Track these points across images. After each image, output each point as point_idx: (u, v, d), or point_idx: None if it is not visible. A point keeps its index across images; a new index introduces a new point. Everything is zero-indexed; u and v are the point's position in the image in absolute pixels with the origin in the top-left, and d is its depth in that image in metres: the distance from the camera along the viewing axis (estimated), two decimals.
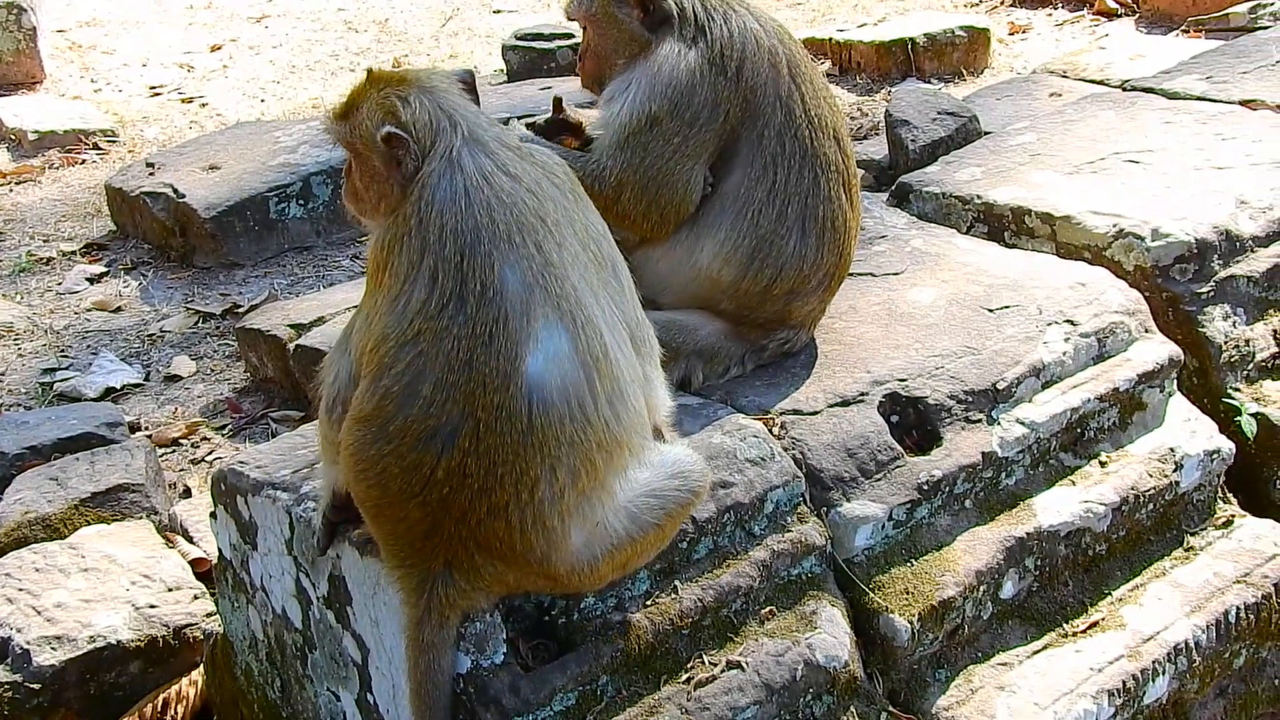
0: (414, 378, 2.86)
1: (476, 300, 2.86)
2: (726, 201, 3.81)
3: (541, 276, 2.91)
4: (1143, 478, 3.98)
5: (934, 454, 3.77)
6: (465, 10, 11.17)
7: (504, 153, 3.03)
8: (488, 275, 2.87)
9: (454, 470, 2.87)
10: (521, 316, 2.86)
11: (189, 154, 7.60)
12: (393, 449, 2.89)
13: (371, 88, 3.10)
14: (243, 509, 3.66)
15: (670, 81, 3.75)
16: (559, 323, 2.90)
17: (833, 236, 3.85)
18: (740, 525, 3.48)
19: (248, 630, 3.84)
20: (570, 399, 2.89)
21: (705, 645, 3.35)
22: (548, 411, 2.86)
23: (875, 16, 9.93)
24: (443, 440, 2.86)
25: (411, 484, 2.89)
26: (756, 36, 3.82)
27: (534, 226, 2.94)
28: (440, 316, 2.86)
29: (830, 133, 3.86)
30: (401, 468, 2.89)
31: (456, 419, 2.85)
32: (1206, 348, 4.37)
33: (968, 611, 3.67)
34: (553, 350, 2.88)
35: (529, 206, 2.96)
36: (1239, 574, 3.99)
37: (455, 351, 2.85)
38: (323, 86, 9.62)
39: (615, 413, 2.96)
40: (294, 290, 6.61)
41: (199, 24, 11.22)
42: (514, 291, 2.88)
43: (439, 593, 2.97)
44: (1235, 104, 5.35)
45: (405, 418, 2.87)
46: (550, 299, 2.90)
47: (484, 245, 2.89)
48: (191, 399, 5.88)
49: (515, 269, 2.89)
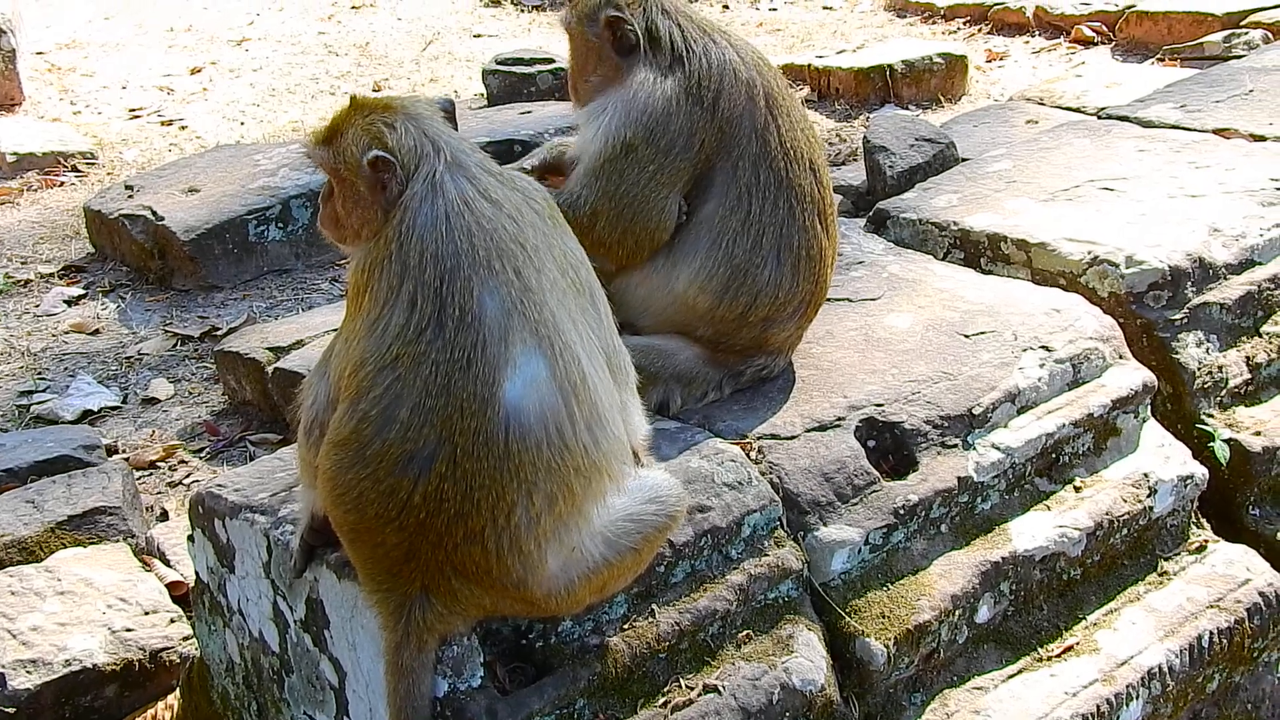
0: (391, 402, 2.87)
1: (455, 325, 2.87)
2: (702, 230, 3.83)
3: (520, 302, 2.92)
4: (1117, 503, 4.01)
5: (910, 479, 3.79)
6: (446, 35, 11.20)
7: (485, 178, 3.05)
8: (466, 300, 2.88)
9: (430, 495, 2.87)
10: (500, 342, 2.88)
11: (168, 176, 7.59)
12: (369, 473, 2.89)
13: (355, 113, 3.11)
14: (220, 532, 3.66)
15: (646, 109, 3.77)
16: (537, 348, 2.91)
17: (808, 265, 3.88)
18: (717, 549, 3.49)
19: (224, 654, 3.83)
20: (548, 424, 2.90)
21: (682, 669, 3.36)
22: (525, 437, 2.87)
23: (854, 43, 10.00)
24: (419, 465, 2.87)
25: (388, 509, 2.90)
26: (735, 68, 3.85)
27: (513, 252, 2.95)
28: (419, 341, 2.87)
29: (806, 163, 3.88)
30: (378, 492, 2.89)
31: (433, 444, 2.86)
32: (1180, 374, 4.40)
33: (943, 635, 3.69)
34: (530, 376, 2.89)
35: (509, 232, 2.97)
36: (1212, 599, 4.01)
37: (433, 376, 2.85)
38: (303, 110, 9.63)
39: (594, 438, 2.97)
40: (273, 313, 6.61)
41: (179, 46, 11.22)
42: (492, 317, 2.89)
43: (417, 617, 2.97)
44: (1209, 132, 5.40)
45: (383, 442, 2.88)
46: (528, 325, 2.91)
47: (463, 271, 2.90)
48: (169, 422, 5.87)
49: (494, 295, 2.90)
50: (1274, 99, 5.60)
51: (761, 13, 11.23)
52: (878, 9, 11.02)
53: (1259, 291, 4.58)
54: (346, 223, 3.14)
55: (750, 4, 11.47)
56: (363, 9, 11.98)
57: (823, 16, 11.02)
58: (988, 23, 10.29)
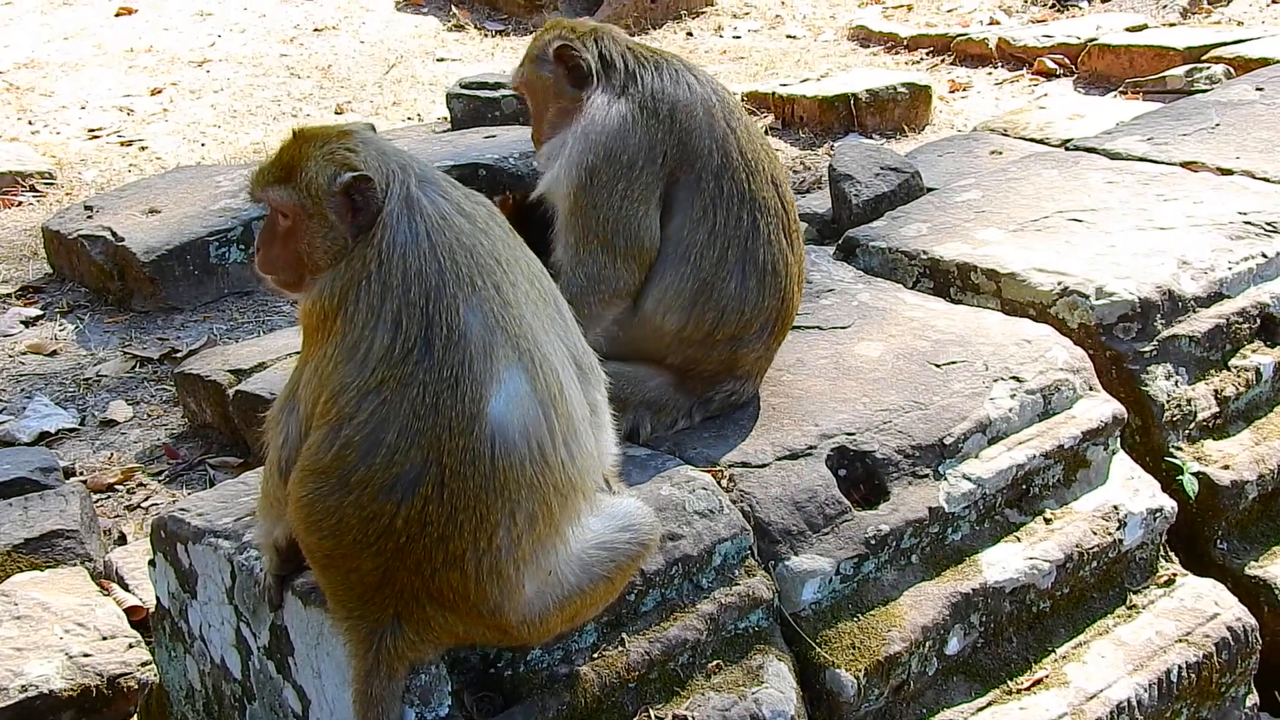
0: (377, 426, 2.82)
1: (443, 344, 2.83)
2: (668, 246, 3.81)
3: (501, 317, 2.90)
4: (1087, 535, 4.00)
5: (881, 508, 3.78)
6: (409, 58, 11.17)
7: (455, 193, 3.03)
8: (454, 319, 2.85)
9: (413, 519, 2.83)
10: (485, 359, 2.85)
11: (128, 197, 7.51)
12: (353, 499, 2.85)
13: (308, 145, 3.04)
14: (183, 557, 3.59)
15: (603, 129, 3.77)
16: (518, 363, 2.89)
17: (773, 280, 3.86)
18: (688, 578, 3.46)
19: (184, 680, 3.76)
20: (530, 439, 2.87)
21: (652, 699, 3.32)
22: (510, 453, 2.85)
23: (818, 72, 10.04)
24: (404, 489, 2.83)
25: (368, 534, 2.85)
26: (689, 84, 3.85)
27: (491, 268, 2.93)
28: (405, 362, 2.83)
29: (768, 177, 3.88)
30: (360, 518, 2.85)
31: (420, 465, 2.82)
32: (1149, 406, 4.41)
33: (913, 667, 3.66)
34: (514, 391, 2.87)
35: (485, 248, 2.95)
36: (1181, 633, 4.01)
37: (421, 397, 2.81)
38: (264, 131, 9.56)
39: (570, 453, 2.95)
40: (233, 335, 6.54)
41: (139, 67, 11.13)
42: (477, 334, 2.86)
43: (388, 645, 2.92)
44: (1176, 165, 5.44)
45: (368, 467, 2.83)
46: (510, 340, 2.89)
47: (449, 289, 2.87)
48: (128, 444, 5.79)
49: (477, 311, 2.87)
50: (1240, 133, 5.65)
51: (725, 40, 11.27)
52: (841, 38, 11.08)
53: (1227, 325, 4.59)
54: (308, 258, 3.02)
55: (714, 31, 11.50)
56: (325, 31, 11.93)
57: (786, 45, 11.06)
58: (951, 53, 10.36)
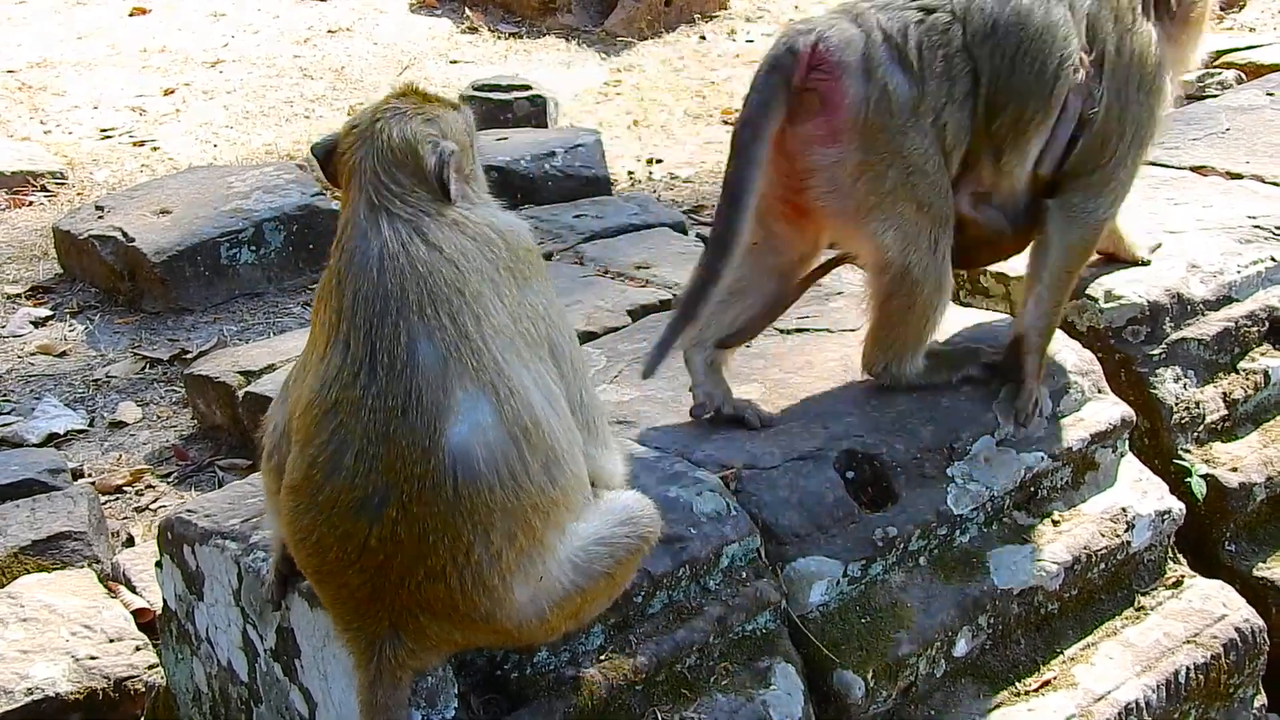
0: (337, 447, 2.83)
1: (386, 372, 2.82)
2: None
3: (456, 348, 2.85)
4: (1095, 537, 4.00)
5: (889, 511, 3.77)
6: (422, 60, 11.18)
7: (426, 219, 2.98)
8: (396, 346, 2.83)
9: (386, 538, 2.83)
10: (438, 389, 2.82)
11: (139, 197, 7.52)
12: (325, 518, 2.85)
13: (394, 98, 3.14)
14: (189, 558, 3.60)
15: None
16: (481, 393, 2.85)
17: None
18: (696, 580, 3.46)
19: (191, 683, 3.77)
20: (499, 468, 2.84)
21: (659, 701, 3.32)
22: (475, 480, 2.82)
23: None
24: (372, 510, 2.82)
25: (347, 552, 2.85)
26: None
27: (447, 298, 2.89)
28: (354, 386, 2.84)
29: None
30: (335, 537, 2.85)
31: (382, 489, 2.82)
32: (1158, 409, 4.40)
33: (921, 669, 3.66)
34: (476, 421, 2.83)
35: (445, 277, 2.91)
36: (1189, 634, 4.00)
37: (372, 423, 2.81)
38: (276, 133, 9.58)
39: (551, 477, 2.92)
40: (244, 337, 6.54)
41: (152, 67, 11.15)
42: (428, 364, 2.83)
43: (388, 655, 2.91)
44: (1187, 169, 5.43)
45: (332, 487, 2.84)
46: (468, 371, 2.85)
47: (392, 315, 2.85)
48: (137, 446, 5.80)
49: (429, 341, 2.85)
50: (1250, 138, 5.64)
51: (738, 44, 11.26)
52: None
53: (1236, 328, 4.59)
54: None
55: (727, 35, 11.50)
56: (339, 33, 11.94)
57: None
58: None
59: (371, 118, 3.07)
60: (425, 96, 3.16)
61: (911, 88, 3.72)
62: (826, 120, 3.72)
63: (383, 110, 3.09)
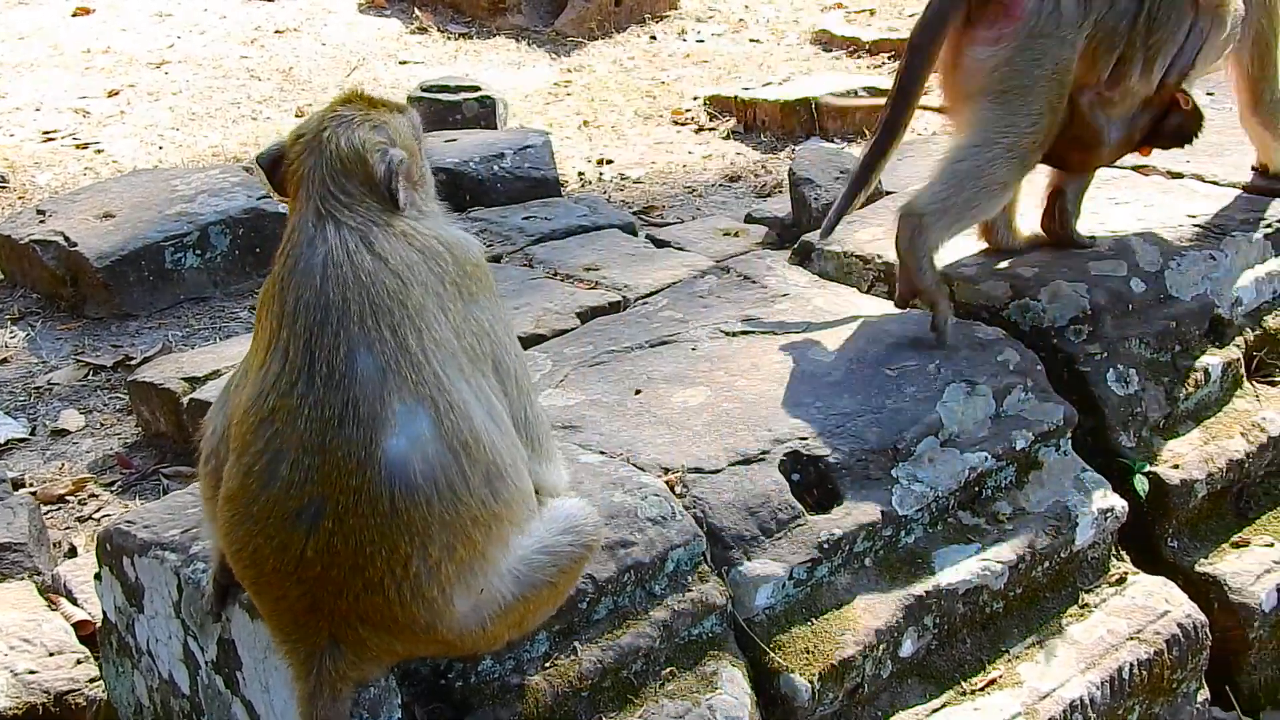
0: (273, 457, 2.81)
1: (324, 382, 2.80)
2: None
3: (395, 361, 2.84)
4: (1039, 536, 4.02)
5: (834, 512, 3.78)
6: (371, 61, 11.11)
7: (374, 229, 2.96)
8: (335, 356, 2.82)
9: (323, 549, 2.81)
10: (375, 401, 2.81)
11: (82, 201, 7.43)
12: (260, 529, 2.83)
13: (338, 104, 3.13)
14: (129, 570, 3.56)
15: None
16: (419, 406, 2.84)
17: None
18: (641, 585, 3.45)
19: (132, 696, 3.73)
20: (437, 481, 2.83)
21: (605, 707, 3.31)
22: (412, 493, 2.81)
23: (780, 76, 10.04)
24: (308, 520, 2.81)
25: (284, 563, 2.83)
26: None
27: (389, 309, 2.87)
28: (291, 394, 2.82)
29: None
30: (272, 548, 2.83)
31: (318, 500, 2.80)
32: (1100, 407, 4.43)
33: (867, 670, 3.67)
34: (414, 433, 2.82)
35: (388, 288, 2.89)
36: (1132, 631, 4.03)
37: (308, 433, 2.79)
38: (223, 134, 9.50)
39: (493, 491, 2.91)
40: (189, 342, 6.48)
41: (96, 69, 11.03)
42: (366, 375, 2.82)
43: (328, 666, 2.89)
44: (1129, 169, 5.47)
45: (268, 497, 2.82)
46: (407, 384, 2.84)
47: (333, 325, 2.83)
48: (79, 454, 5.73)
49: (368, 352, 2.83)
50: None
51: (688, 44, 11.26)
52: (804, 42, 11.09)
53: (1177, 326, 4.63)
54: None
55: (678, 35, 11.50)
56: (286, 34, 11.86)
57: (749, 49, 11.06)
58: None
59: (318, 126, 3.05)
60: (371, 101, 3.14)
61: (1080, 4, 4.25)
62: (1000, 26, 4.26)
63: (329, 118, 3.06)
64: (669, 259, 5.70)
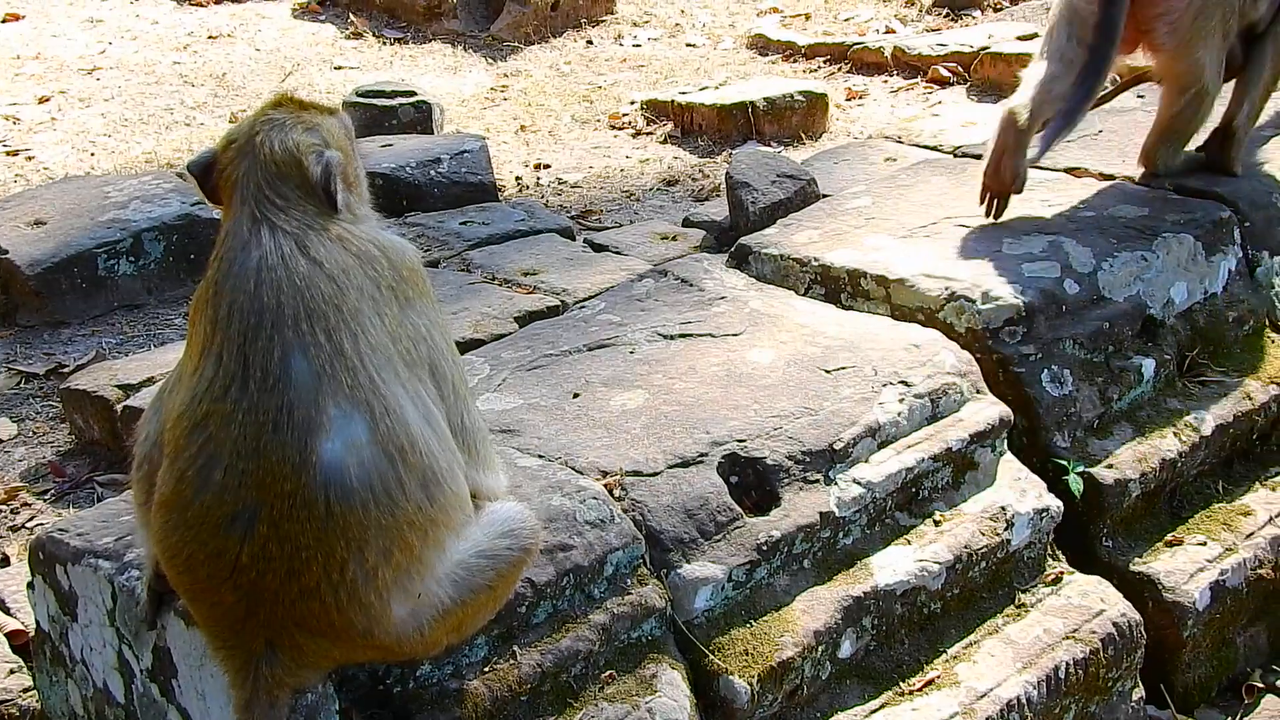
0: (206, 462, 2.79)
1: (258, 386, 2.78)
2: None
3: (330, 365, 2.82)
4: (975, 536, 4.06)
5: (773, 514, 3.79)
6: (306, 66, 11.04)
7: (309, 233, 2.94)
8: (269, 361, 2.79)
9: (258, 555, 2.79)
10: (310, 405, 2.79)
11: (12, 208, 7.32)
12: (194, 535, 2.80)
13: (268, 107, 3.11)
14: (62, 578, 3.51)
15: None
16: (355, 411, 2.82)
17: None
18: (580, 588, 3.45)
19: (67, 706, 3.68)
20: (373, 485, 2.81)
21: (545, 711, 3.31)
22: (348, 498, 2.79)
23: (716, 80, 10.08)
24: (242, 526, 2.78)
25: (219, 569, 2.80)
26: None
27: (324, 314, 2.85)
28: (225, 399, 2.79)
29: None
30: (206, 554, 2.80)
31: (253, 506, 2.77)
32: (1035, 408, 4.48)
33: (806, 672, 3.68)
34: (349, 438, 2.80)
35: (323, 293, 2.87)
36: (1068, 630, 4.07)
37: (242, 438, 2.77)
38: (156, 141, 9.40)
39: (429, 495, 2.89)
40: (123, 350, 6.40)
41: (26, 74, 10.89)
42: (301, 380, 2.80)
43: (265, 673, 2.86)
44: (1061, 171, 5.53)
45: (202, 503, 2.79)
46: (342, 389, 2.82)
47: (267, 329, 2.81)
48: (11, 463, 5.65)
49: (303, 357, 2.81)
50: (1122, 139, 5.76)
51: (625, 48, 11.28)
52: (740, 47, 11.13)
53: (1110, 327, 4.68)
54: None
55: (614, 39, 11.51)
56: (220, 39, 11.75)
57: (686, 53, 11.09)
58: (847, 62, 10.45)
59: (250, 130, 3.02)
60: (302, 104, 3.12)
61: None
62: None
63: (261, 122, 3.04)
64: (607, 263, 5.70)
